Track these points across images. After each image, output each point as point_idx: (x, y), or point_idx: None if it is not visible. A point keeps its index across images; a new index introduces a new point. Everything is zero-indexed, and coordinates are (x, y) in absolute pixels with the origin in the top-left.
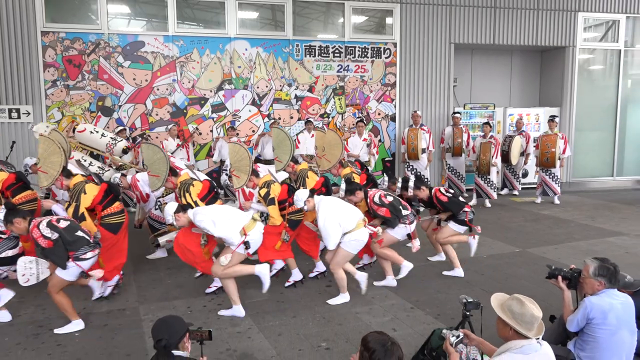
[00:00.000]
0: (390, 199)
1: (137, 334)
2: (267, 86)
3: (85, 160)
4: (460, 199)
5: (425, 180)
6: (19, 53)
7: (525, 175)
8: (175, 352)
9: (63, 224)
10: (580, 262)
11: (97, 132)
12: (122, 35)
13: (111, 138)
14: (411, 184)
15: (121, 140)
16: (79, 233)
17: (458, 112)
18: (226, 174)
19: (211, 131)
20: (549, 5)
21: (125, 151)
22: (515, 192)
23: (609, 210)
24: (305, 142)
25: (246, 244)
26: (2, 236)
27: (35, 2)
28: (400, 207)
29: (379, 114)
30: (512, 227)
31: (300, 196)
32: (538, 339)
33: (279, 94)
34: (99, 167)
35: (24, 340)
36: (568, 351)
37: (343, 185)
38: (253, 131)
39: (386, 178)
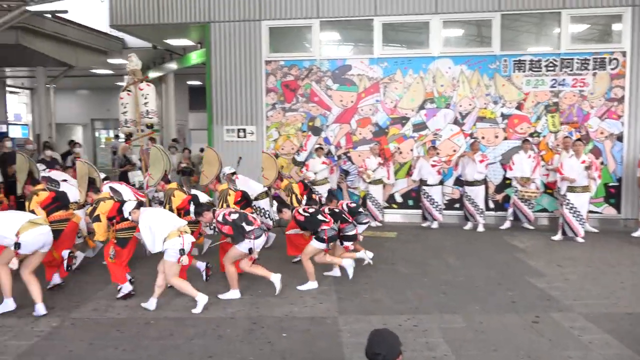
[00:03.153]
0: (234, 217)
1: (336, 343)
2: (470, 104)
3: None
4: (319, 217)
5: None
6: (247, 80)
7: None
8: None
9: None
10: None
11: None
12: (331, 60)
13: None
14: (274, 208)
15: None
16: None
17: None
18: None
19: (411, 150)
20: None
21: None
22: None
23: None
24: (522, 163)
25: (17, 245)
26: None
27: (262, 35)
28: (244, 223)
29: (602, 133)
30: None
31: (127, 207)
32: None
33: (483, 112)
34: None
35: (242, 333)
36: None
37: (192, 207)
38: (454, 151)
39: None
